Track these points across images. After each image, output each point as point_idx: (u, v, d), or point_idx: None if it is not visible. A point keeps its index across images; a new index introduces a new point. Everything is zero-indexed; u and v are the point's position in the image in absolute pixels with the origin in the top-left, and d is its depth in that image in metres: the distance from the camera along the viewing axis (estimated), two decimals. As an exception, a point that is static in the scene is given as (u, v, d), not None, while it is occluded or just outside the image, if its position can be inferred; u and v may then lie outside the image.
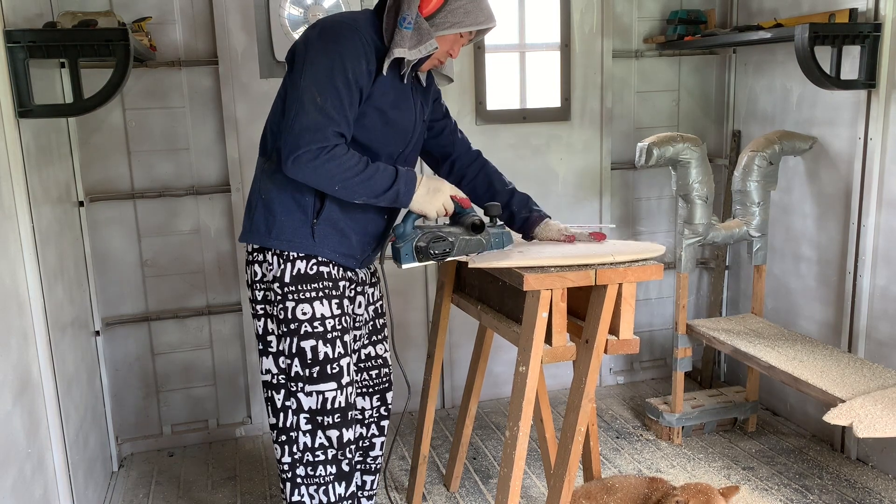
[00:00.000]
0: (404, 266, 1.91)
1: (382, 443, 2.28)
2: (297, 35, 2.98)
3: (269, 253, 1.92)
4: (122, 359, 3.09)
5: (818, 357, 2.64)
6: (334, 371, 1.94)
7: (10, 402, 1.80)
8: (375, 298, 2.19)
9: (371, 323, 2.19)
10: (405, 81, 1.95)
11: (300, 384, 1.94)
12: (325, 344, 1.92)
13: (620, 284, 1.86)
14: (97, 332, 2.89)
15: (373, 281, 2.19)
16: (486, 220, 1.98)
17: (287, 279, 1.90)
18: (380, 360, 2.22)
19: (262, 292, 1.99)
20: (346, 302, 1.98)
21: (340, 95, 1.78)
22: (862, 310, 2.79)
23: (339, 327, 1.95)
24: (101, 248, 2.97)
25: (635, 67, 3.49)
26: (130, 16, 2.74)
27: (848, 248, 2.85)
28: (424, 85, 2.07)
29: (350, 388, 1.98)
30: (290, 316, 1.91)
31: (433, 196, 1.89)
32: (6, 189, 1.92)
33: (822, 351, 2.71)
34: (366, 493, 2.29)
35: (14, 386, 1.85)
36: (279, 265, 1.91)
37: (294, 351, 1.93)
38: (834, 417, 2.22)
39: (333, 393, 1.95)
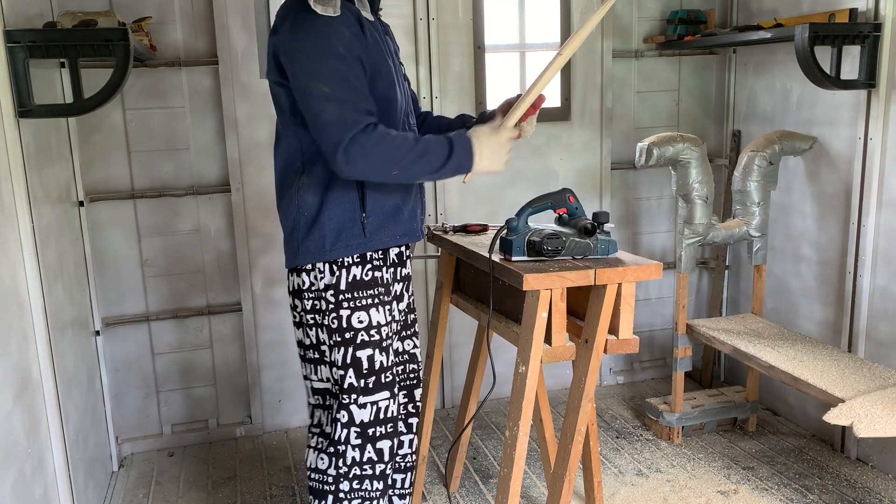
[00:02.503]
0: (514, 259, 1.90)
1: (412, 440, 2.16)
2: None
3: (321, 262, 1.84)
4: (122, 359, 3.09)
5: (818, 357, 2.64)
6: (388, 380, 1.89)
7: (10, 402, 1.80)
8: (410, 293, 2.11)
9: (404, 318, 2.10)
10: (372, 19, 1.86)
11: (354, 396, 1.86)
12: (381, 353, 1.87)
13: (620, 284, 1.85)
14: (97, 332, 2.89)
15: (410, 274, 2.10)
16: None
17: (343, 286, 1.83)
18: (407, 356, 2.12)
19: (311, 301, 1.89)
20: (394, 305, 1.93)
21: (343, 74, 1.67)
22: (862, 310, 2.79)
23: (391, 334, 1.90)
24: (101, 248, 2.97)
25: (635, 67, 3.49)
26: (130, 16, 2.74)
27: (848, 248, 2.85)
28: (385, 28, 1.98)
29: (399, 397, 1.94)
30: (345, 325, 1.84)
31: (496, 153, 1.79)
32: (6, 189, 1.92)
33: (822, 351, 2.71)
34: (397, 492, 2.19)
35: (14, 386, 1.85)
36: (332, 273, 1.83)
37: (349, 361, 1.85)
38: (834, 417, 2.22)
39: (387, 402, 1.89)
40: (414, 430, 2.16)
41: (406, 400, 2.14)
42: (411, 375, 2.14)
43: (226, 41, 2.95)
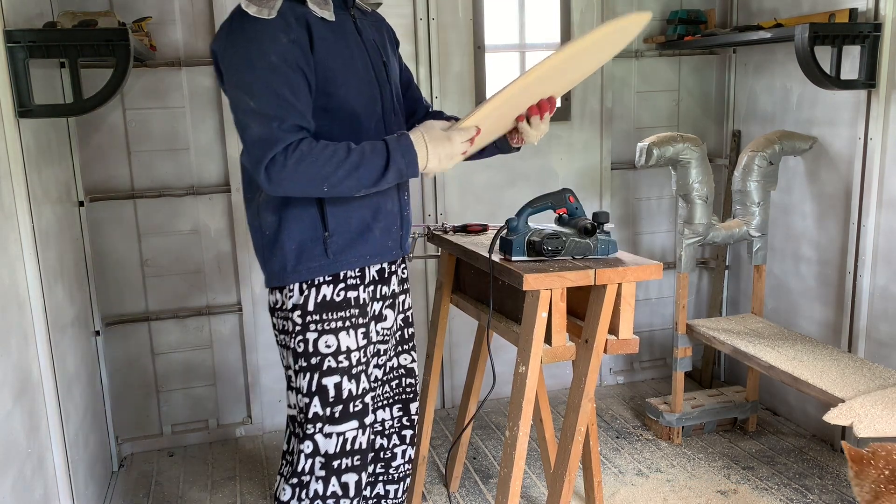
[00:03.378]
0: (514, 259, 1.90)
1: (405, 451, 2.07)
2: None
3: (290, 282, 1.72)
4: (122, 359, 3.09)
5: (818, 357, 2.64)
6: (356, 409, 1.75)
7: (10, 402, 1.80)
8: (406, 307, 1.98)
9: (399, 333, 1.98)
10: (336, 20, 1.67)
11: (319, 425, 1.73)
12: (350, 380, 1.73)
13: (620, 284, 1.86)
14: (97, 332, 2.89)
15: (405, 287, 1.98)
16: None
17: (311, 307, 1.70)
18: (402, 371, 2.01)
19: (280, 321, 1.77)
20: (372, 326, 1.80)
21: (273, 87, 1.53)
22: (862, 310, 2.79)
23: (363, 360, 1.76)
24: (101, 248, 2.97)
25: (635, 67, 3.49)
26: (130, 16, 2.74)
27: (848, 248, 2.85)
28: (372, 22, 1.81)
29: (370, 430, 1.81)
30: (310, 349, 1.70)
31: (446, 156, 1.61)
32: (6, 189, 1.92)
33: (822, 351, 2.71)
34: (390, 502, 2.11)
35: (14, 386, 1.85)
36: (301, 291, 1.70)
37: (314, 389, 1.71)
38: (834, 417, 2.22)
39: (355, 433, 1.76)
40: (408, 441, 2.06)
41: (401, 413, 2.06)
42: (408, 390, 2.05)
43: (226, 41, 2.94)
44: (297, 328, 1.70)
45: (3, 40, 1.98)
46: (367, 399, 1.77)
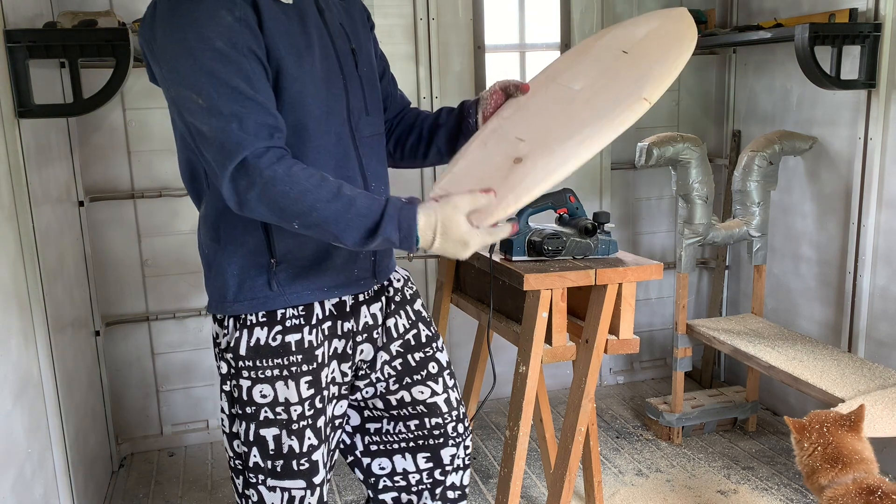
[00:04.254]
0: (515, 259, 1.89)
1: None
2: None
3: (227, 316, 1.43)
4: (122, 359, 3.08)
5: (818, 357, 2.64)
6: (303, 468, 1.46)
7: (10, 402, 1.80)
8: (402, 331, 1.59)
9: (398, 361, 1.59)
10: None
11: (262, 476, 1.47)
12: (289, 436, 1.43)
13: (620, 284, 1.86)
14: (97, 332, 2.89)
15: (392, 309, 1.59)
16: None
17: (242, 351, 1.40)
18: (420, 408, 1.61)
19: (217, 356, 1.49)
20: (325, 372, 1.47)
21: (222, 77, 1.22)
22: (862, 310, 2.79)
23: (309, 413, 1.45)
24: (101, 248, 2.97)
25: (635, 67, 3.49)
26: (130, 16, 2.74)
27: (848, 248, 2.85)
28: (339, 1, 1.50)
29: (325, 487, 1.53)
30: (245, 397, 1.42)
31: (457, 247, 1.27)
32: (6, 189, 1.92)
33: (822, 351, 2.71)
34: None
35: (14, 386, 1.85)
36: (234, 330, 1.42)
37: (252, 439, 1.44)
38: (834, 417, 2.21)
39: (302, 493, 1.48)
40: (448, 500, 1.69)
41: (431, 465, 1.64)
42: (434, 433, 1.62)
43: (226, 41, 2.94)
44: (232, 371, 1.43)
45: (3, 40, 1.98)
46: (317, 455, 1.48)
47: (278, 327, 1.41)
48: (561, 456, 2.01)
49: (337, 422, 1.56)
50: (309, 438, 1.46)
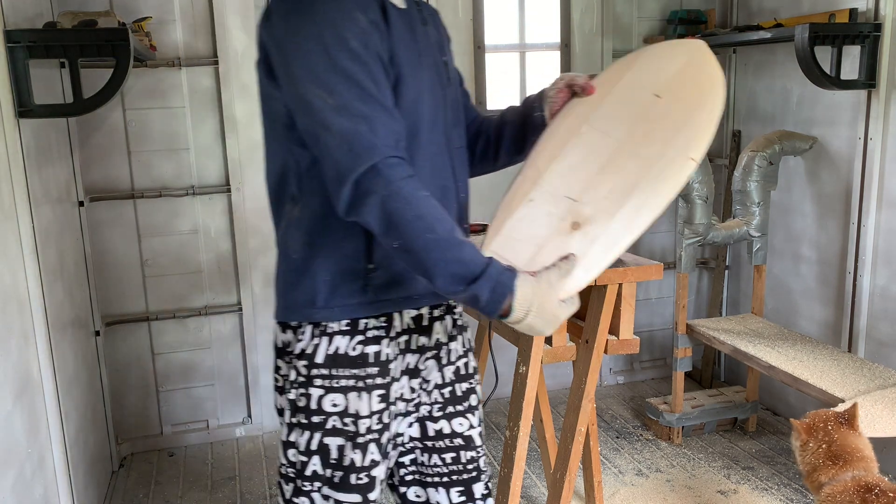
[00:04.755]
0: None
1: None
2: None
3: (307, 322, 1.40)
4: (122, 359, 3.08)
5: (818, 357, 2.64)
6: (360, 482, 1.43)
7: (10, 402, 1.80)
8: (457, 356, 1.56)
9: (447, 389, 1.55)
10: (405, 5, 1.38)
11: (318, 484, 1.44)
12: (354, 448, 1.41)
13: (620, 285, 1.86)
14: (97, 332, 2.89)
15: (455, 334, 1.56)
16: None
17: (319, 359, 1.38)
18: (458, 441, 1.58)
19: (285, 364, 1.47)
20: (395, 387, 1.45)
21: (356, 78, 1.22)
22: (862, 310, 2.79)
23: (376, 427, 1.42)
24: (101, 248, 2.97)
25: (635, 67, 3.49)
26: (130, 16, 2.74)
27: (848, 248, 2.85)
28: (429, 14, 1.50)
29: (452, 495, 1.52)
30: (313, 406, 1.40)
31: (543, 318, 1.23)
32: (6, 189, 1.92)
33: (822, 351, 2.71)
34: None
35: (14, 386, 1.85)
36: (312, 338, 1.39)
37: (315, 448, 1.42)
38: (834, 417, 2.21)
39: None
40: None
41: (463, 499, 1.62)
42: (468, 467, 1.61)
43: (226, 41, 2.95)
44: (301, 379, 1.40)
45: (3, 40, 1.98)
46: (376, 472, 1.45)
47: (359, 337, 1.39)
48: (561, 456, 2.01)
49: (398, 440, 1.55)
50: (371, 453, 1.44)
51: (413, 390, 1.51)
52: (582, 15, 3.34)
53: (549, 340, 1.88)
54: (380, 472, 1.46)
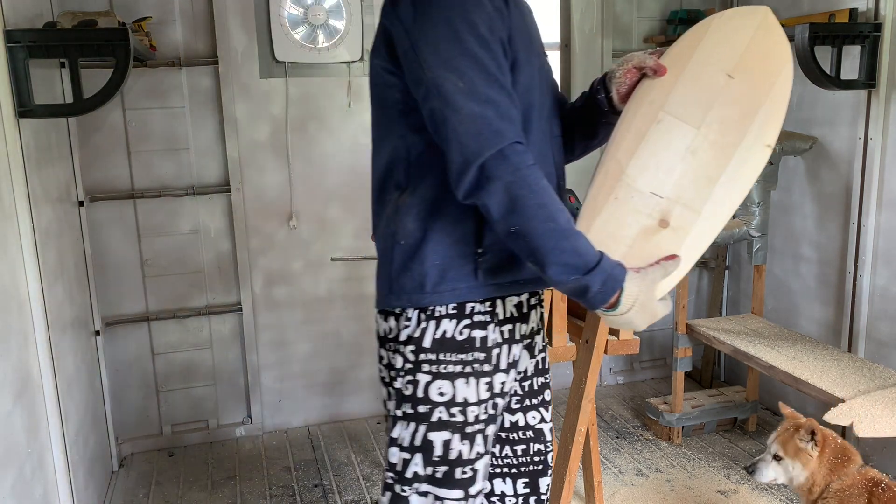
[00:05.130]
0: None
1: None
2: (297, 35, 2.97)
3: (412, 308, 1.40)
4: (122, 359, 3.09)
5: (818, 357, 2.64)
6: (465, 476, 1.41)
7: (10, 402, 1.80)
8: (538, 349, 1.57)
9: (527, 382, 1.57)
10: None
11: (416, 485, 1.41)
12: (462, 440, 1.40)
13: (620, 284, 1.85)
14: (97, 332, 2.89)
15: (540, 325, 1.58)
16: None
17: (427, 343, 1.37)
18: (530, 433, 1.60)
19: (389, 353, 1.46)
20: (497, 377, 1.43)
21: (484, 63, 1.24)
22: (862, 310, 2.79)
23: (483, 417, 1.41)
24: (101, 248, 2.97)
25: (635, 67, 3.49)
26: (130, 16, 2.74)
27: (848, 248, 2.85)
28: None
29: (479, 499, 1.48)
30: (420, 394, 1.38)
31: (644, 313, 1.27)
32: (6, 189, 1.92)
33: (822, 351, 2.71)
34: None
35: (14, 386, 1.85)
36: (418, 322, 1.38)
37: (419, 443, 1.40)
38: (834, 417, 2.22)
39: None
40: None
41: (528, 491, 1.63)
42: (535, 459, 1.61)
43: (226, 41, 2.95)
44: (408, 366, 1.39)
45: (3, 40, 1.98)
46: (480, 465, 1.44)
47: (466, 321, 1.38)
48: (561, 456, 2.01)
49: (503, 435, 1.56)
50: (478, 445, 1.42)
51: (514, 380, 1.52)
52: (582, 15, 3.34)
53: (549, 341, 1.88)
54: (482, 466, 1.44)
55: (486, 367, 1.40)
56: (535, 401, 1.59)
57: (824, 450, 1.94)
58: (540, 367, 1.58)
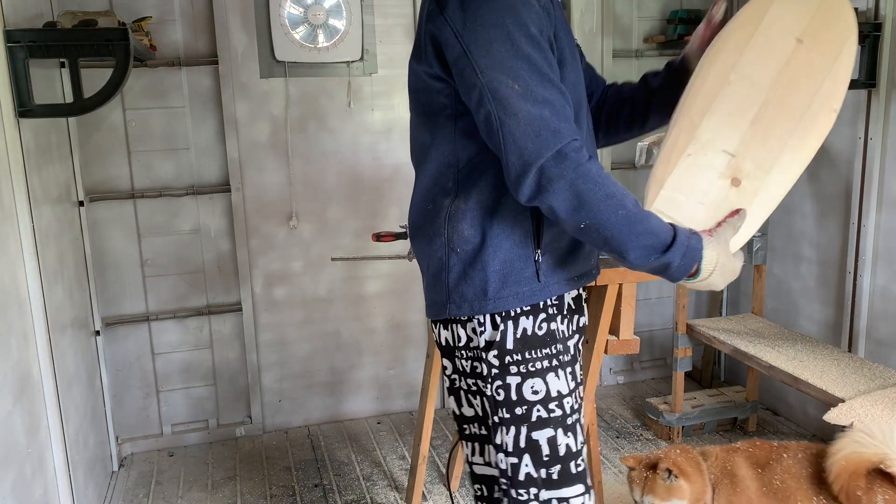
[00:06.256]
0: None
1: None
2: (297, 34, 2.97)
3: (483, 314, 1.38)
4: (122, 359, 3.09)
5: (818, 357, 2.64)
6: (580, 469, 1.40)
7: (10, 402, 1.80)
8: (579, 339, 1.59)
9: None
10: None
11: (534, 490, 1.39)
12: (566, 433, 1.38)
13: (620, 285, 1.86)
14: (97, 332, 2.89)
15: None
16: None
17: (510, 344, 1.36)
18: None
19: (468, 362, 1.44)
20: (577, 366, 1.46)
21: (537, 64, 1.23)
22: (862, 310, 2.79)
23: (577, 406, 1.41)
24: (101, 248, 2.97)
25: (636, 67, 3.49)
26: (130, 16, 2.74)
27: (848, 248, 2.85)
28: None
29: (594, 491, 1.46)
30: (514, 396, 1.37)
31: (724, 275, 1.30)
32: (6, 189, 1.92)
33: (822, 351, 2.71)
34: None
35: (14, 386, 1.85)
36: (494, 325, 1.37)
37: (524, 445, 1.38)
38: (834, 417, 2.22)
39: (581, 499, 1.40)
40: None
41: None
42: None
43: (226, 41, 2.95)
44: (495, 371, 1.37)
45: (3, 40, 1.98)
46: (585, 454, 1.44)
47: (542, 315, 1.39)
48: (561, 456, 2.01)
49: None
50: (580, 435, 1.42)
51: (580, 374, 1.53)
52: (582, 15, 3.33)
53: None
54: (586, 455, 1.44)
55: (567, 357, 1.41)
56: None
57: (685, 473, 1.87)
58: (577, 356, 1.61)
